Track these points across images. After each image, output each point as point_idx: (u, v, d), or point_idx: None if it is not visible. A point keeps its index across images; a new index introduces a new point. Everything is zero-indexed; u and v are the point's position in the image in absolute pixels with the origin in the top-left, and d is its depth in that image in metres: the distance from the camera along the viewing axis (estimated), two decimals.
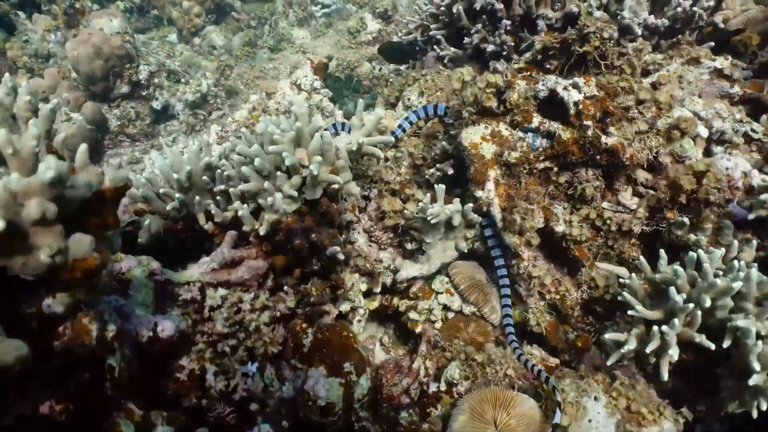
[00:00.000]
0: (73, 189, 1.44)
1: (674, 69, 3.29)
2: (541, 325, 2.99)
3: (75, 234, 1.43)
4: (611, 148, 2.83)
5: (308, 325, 2.77)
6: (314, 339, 2.75)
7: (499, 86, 3.00)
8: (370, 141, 2.75)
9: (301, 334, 2.75)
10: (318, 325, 2.78)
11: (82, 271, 1.42)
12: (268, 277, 2.57)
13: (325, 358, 2.72)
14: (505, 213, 3.06)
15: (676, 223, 2.84)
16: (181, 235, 2.75)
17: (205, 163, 2.72)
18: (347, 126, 3.15)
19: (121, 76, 5.82)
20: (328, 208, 2.57)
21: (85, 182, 1.48)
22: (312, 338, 2.75)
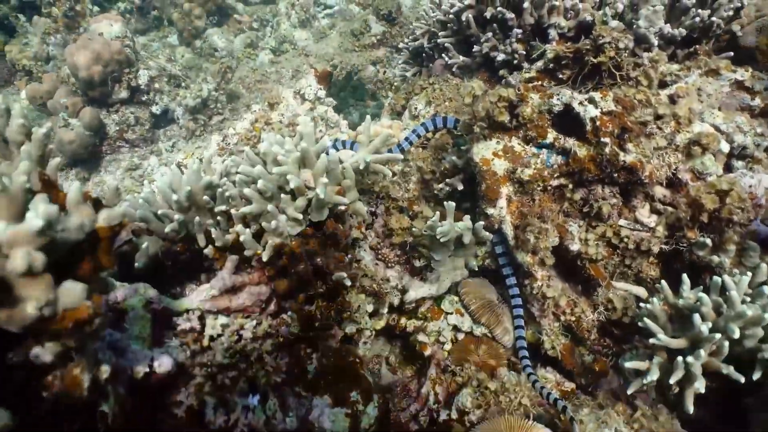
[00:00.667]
0: (64, 232, 1.32)
1: (693, 81, 3.16)
2: (556, 348, 2.88)
3: (65, 282, 1.31)
4: (630, 165, 2.71)
5: (312, 350, 2.65)
6: (319, 365, 2.63)
7: (511, 100, 2.88)
8: (377, 159, 2.63)
9: (305, 359, 2.63)
10: (323, 350, 2.67)
11: (73, 321, 1.31)
12: (271, 301, 2.45)
13: (330, 386, 2.60)
14: (518, 231, 2.94)
15: (698, 243, 2.72)
16: (181, 257, 2.63)
17: (205, 183, 2.60)
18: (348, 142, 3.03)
19: (120, 81, 5.69)
20: (334, 231, 2.45)
21: (77, 224, 1.36)
22: (317, 364, 2.63)
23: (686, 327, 2.43)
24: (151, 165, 5.77)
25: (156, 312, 2.20)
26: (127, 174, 5.59)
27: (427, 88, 3.99)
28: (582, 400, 2.66)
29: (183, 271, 2.73)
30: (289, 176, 2.24)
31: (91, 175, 5.75)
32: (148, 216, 2.56)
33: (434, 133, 3.50)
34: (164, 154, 5.90)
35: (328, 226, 2.45)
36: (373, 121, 3.92)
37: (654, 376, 2.30)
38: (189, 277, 2.73)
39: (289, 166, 2.32)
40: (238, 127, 3.61)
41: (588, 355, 2.94)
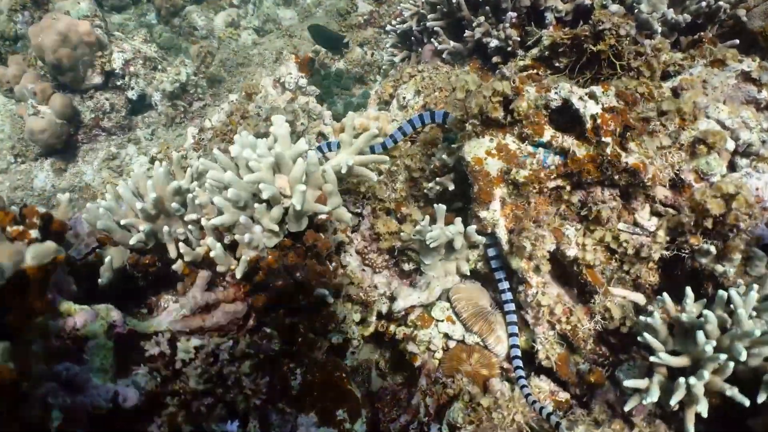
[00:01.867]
0: None
1: (698, 73, 2.96)
2: (551, 359, 2.74)
3: None
4: (632, 167, 2.53)
5: (296, 365, 2.49)
6: (303, 381, 2.47)
7: (506, 94, 2.67)
8: (361, 161, 2.43)
9: (289, 374, 2.47)
10: (307, 365, 2.51)
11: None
12: (249, 318, 2.27)
13: (316, 402, 2.45)
14: (512, 236, 2.77)
15: (701, 250, 2.56)
16: (150, 269, 2.43)
17: (174, 188, 2.39)
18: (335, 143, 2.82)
19: (92, 65, 5.37)
20: (314, 242, 2.26)
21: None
22: (301, 380, 2.47)
23: (688, 342, 2.29)
24: (129, 154, 5.51)
25: (121, 336, 2.01)
26: (104, 165, 5.32)
27: (416, 76, 3.76)
28: (577, 415, 2.55)
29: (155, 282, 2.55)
30: (262, 185, 2.04)
31: (68, 166, 5.47)
32: (110, 226, 2.36)
33: (422, 129, 3.29)
34: (143, 143, 5.63)
35: (308, 238, 2.26)
36: (358, 113, 3.69)
37: (654, 397, 2.18)
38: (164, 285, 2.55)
39: (263, 172, 2.11)
40: (214, 119, 3.36)
41: (583, 364, 2.81)
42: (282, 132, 2.17)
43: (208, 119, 3.48)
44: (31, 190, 5.42)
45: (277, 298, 2.25)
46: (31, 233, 1.76)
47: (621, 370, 2.64)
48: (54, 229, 2.04)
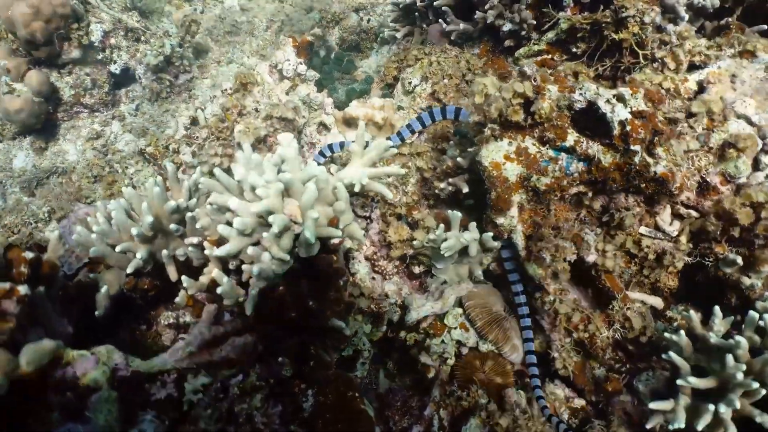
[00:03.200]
0: None
1: (727, 66, 2.72)
2: (568, 368, 2.64)
3: None
4: (661, 177, 2.34)
5: (307, 385, 2.35)
6: (315, 402, 2.34)
7: (528, 96, 2.42)
8: (375, 174, 2.20)
9: (300, 396, 2.33)
10: (319, 385, 2.37)
11: None
12: (258, 349, 2.11)
13: (328, 425, 2.33)
14: (530, 242, 2.60)
15: (726, 260, 2.43)
16: (149, 293, 2.24)
17: (172, 208, 2.16)
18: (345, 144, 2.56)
19: (69, 38, 4.91)
20: (327, 268, 2.06)
21: None
22: (313, 401, 2.34)
23: (713, 360, 2.19)
24: (114, 132, 5.15)
25: (124, 380, 1.84)
26: (88, 145, 4.97)
27: (423, 59, 3.45)
28: (596, 427, 2.46)
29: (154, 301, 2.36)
30: (272, 217, 1.82)
31: (49, 145, 5.11)
32: (105, 251, 2.14)
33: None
34: (128, 119, 5.26)
35: (320, 264, 2.06)
36: (361, 100, 3.41)
37: (681, 423, 2.09)
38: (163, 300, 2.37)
39: (272, 200, 1.89)
40: (208, 112, 3.06)
41: (599, 369, 2.72)
42: (291, 153, 1.92)
43: (200, 109, 3.17)
44: (11, 171, 5.08)
45: (289, 328, 2.08)
46: (20, 290, 1.55)
47: (640, 381, 2.56)
48: (45, 273, 1.83)
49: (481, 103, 2.37)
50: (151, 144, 3.23)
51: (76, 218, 2.84)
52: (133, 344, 2.30)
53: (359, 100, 3.35)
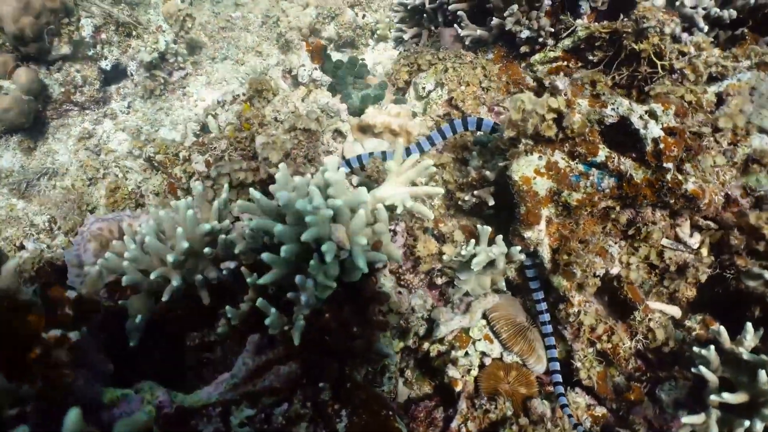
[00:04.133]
0: None
1: (747, 79, 2.72)
2: (592, 378, 2.65)
3: None
4: (691, 194, 2.33)
5: (341, 406, 2.29)
6: (349, 422, 2.28)
7: (561, 111, 2.37)
8: (415, 194, 2.13)
9: (334, 418, 2.28)
10: (352, 405, 2.31)
11: None
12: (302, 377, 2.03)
13: None
14: (557, 255, 2.58)
15: (749, 273, 2.45)
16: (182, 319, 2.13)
17: (205, 231, 2.06)
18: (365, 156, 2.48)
19: (59, 34, 4.62)
20: (370, 292, 2.00)
21: None
22: (347, 422, 2.28)
23: (741, 373, 2.22)
24: (106, 131, 4.91)
25: (169, 418, 1.75)
26: (80, 145, 4.73)
27: (437, 64, 3.37)
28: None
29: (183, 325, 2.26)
30: (326, 246, 1.74)
31: (38, 145, 4.84)
32: (137, 279, 2.01)
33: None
34: (120, 117, 5.02)
35: (363, 287, 2.00)
36: (377, 106, 3.32)
37: None
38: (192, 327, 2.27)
39: (320, 226, 1.80)
40: (222, 119, 2.92)
41: (618, 376, 2.75)
42: (338, 177, 1.83)
43: (211, 115, 3.02)
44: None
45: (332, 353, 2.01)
46: (71, 337, 1.44)
47: (662, 390, 2.59)
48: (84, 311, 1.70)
49: (518, 119, 2.31)
50: (161, 151, 3.07)
51: (90, 234, 2.69)
52: (165, 373, 2.19)
53: (375, 107, 3.25)
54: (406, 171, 2.19)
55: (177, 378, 2.16)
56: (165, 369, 2.21)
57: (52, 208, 3.38)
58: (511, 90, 3.24)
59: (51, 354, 1.47)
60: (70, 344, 1.43)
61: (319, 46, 3.17)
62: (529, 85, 3.22)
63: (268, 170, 2.46)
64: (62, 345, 1.39)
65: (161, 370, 2.16)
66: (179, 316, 2.13)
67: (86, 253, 2.64)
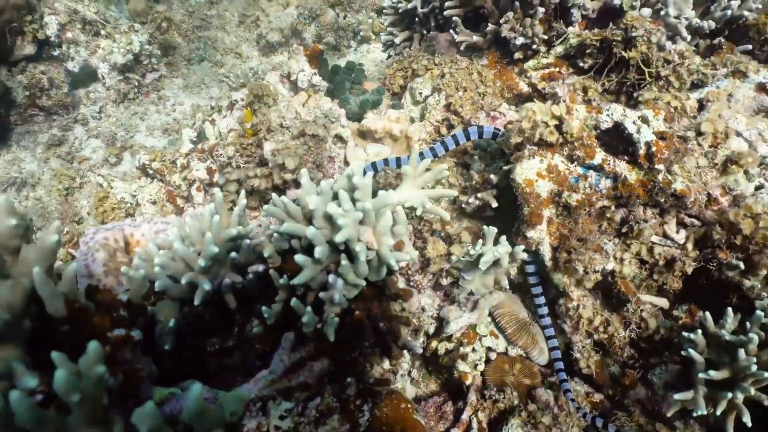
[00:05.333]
0: None
1: (725, 86, 3.19)
2: (591, 367, 3.04)
3: None
4: (679, 193, 2.75)
5: (362, 401, 2.58)
6: (372, 417, 2.58)
7: (562, 118, 2.75)
8: (432, 196, 2.45)
9: (357, 412, 2.56)
10: (373, 401, 2.61)
11: None
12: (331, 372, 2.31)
13: None
14: (557, 253, 2.96)
15: (729, 264, 2.89)
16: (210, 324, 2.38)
17: (229, 236, 2.32)
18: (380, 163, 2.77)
19: (22, 32, 4.72)
20: (395, 290, 2.30)
21: None
22: (369, 416, 2.57)
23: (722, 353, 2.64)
24: (77, 137, 5.01)
25: None
26: (51, 153, 4.83)
27: (433, 69, 3.71)
28: (623, 421, 2.88)
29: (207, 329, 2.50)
30: (358, 246, 2.03)
31: (1, 153, 4.90)
32: (168, 285, 2.25)
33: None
34: (91, 123, 5.13)
35: (391, 286, 2.30)
36: (376, 111, 3.62)
37: (703, 410, 2.53)
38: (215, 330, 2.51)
39: (350, 228, 2.09)
40: (222, 125, 3.14)
41: (613, 365, 3.15)
42: (365, 182, 2.13)
43: (208, 121, 3.24)
44: None
45: (360, 349, 2.30)
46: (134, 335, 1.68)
47: (654, 374, 3.01)
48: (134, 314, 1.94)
49: (528, 127, 2.67)
50: (156, 158, 3.26)
51: (96, 244, 2.88)
52: (190, 376, 2.42)
53: (374, 112, 3.56)
54: (421, 175, 2.51)
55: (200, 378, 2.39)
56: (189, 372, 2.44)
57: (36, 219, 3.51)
58: (506, 95, 3.62)
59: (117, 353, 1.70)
60: (133, 343, 1.67)
61: (316, 51, 3.45)
62: (522, 90, 3.61)
63: (283, 176, 2.72)
64: (127, 344, 1.63)
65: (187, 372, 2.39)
66: (206, 320, 2.37)
67: (95, 263, 2.84)
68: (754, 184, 3.13)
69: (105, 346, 1.64)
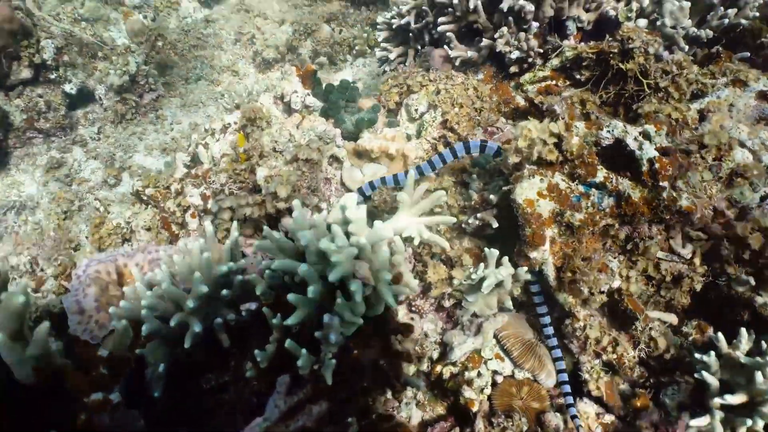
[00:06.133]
0: None
1: (725, 96, 3.00)
2: (600, 389, 2.85)
3: None
4: (685, 210, 2.56)
5: None
6: None
7: (561, 135, 2.56)
8: (428, 224, 2.26)
9: None
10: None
11: None
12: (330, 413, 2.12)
13: None
14: (561, 273, 2.76)
15: (739, 280, 2.70)
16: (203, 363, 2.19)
17: (221, 273, 2.13)
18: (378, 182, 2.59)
19: (19, 57, 4.53)
20: (394, 325, 2.11)
21: None
22: None
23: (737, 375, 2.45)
24: (77, 159, 4.83)
25: None
26: (49, 176, 4.64)
27: (428, 85, 3.52)
28: None
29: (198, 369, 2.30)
30: (354, 286, 1.84)
31: (0, 176, 4.72)
32: (158, 328, 2.06)
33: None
34: (90, 144, 4.95)
35: (391, 321, 2.11)
36: (372, 130, 3.44)
37: None
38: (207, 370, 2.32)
39: (345, 265, 1.90)
40: (215, 149, 2.96)
41: (623, 384, 2.95)
42: (359, 215, 1.94)
43: (202, 145, 3.06)
44: None
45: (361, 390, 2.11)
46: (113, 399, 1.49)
47: (666, 395, 2.82)
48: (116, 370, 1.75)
49: (524, 146, 2.48)
50: (150, 184, 3.08)
51: (88, 279, 2.69)
52: (184, 416, 2.23)
53: (370, 131, 3.37)
54: (418, 201, 2.32)
55: (195, 420, 2.20)
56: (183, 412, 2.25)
57: (32, 248, 3.33)
58: (503, 110, 3.43)
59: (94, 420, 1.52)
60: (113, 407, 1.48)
61: (309, 71, 3.26)
62: (519, 104, 3.42)
63: (276, 205, 2.54)
64: (105, 409, 1.44)
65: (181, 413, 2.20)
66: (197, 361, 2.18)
67: (86, 299, 2.65)
68: (759, 194, 2.95)
69: (80, 415, 1.45)
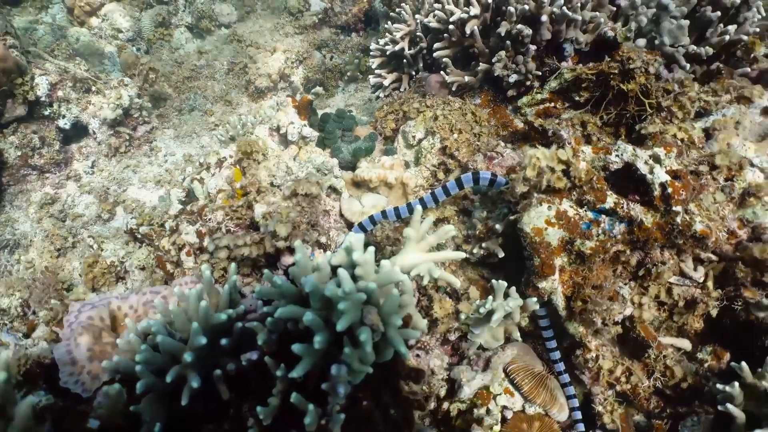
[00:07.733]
0: None
1: (731, 114, 2.87)
2: (616, 421, 2.66)
3: None
4: (700, 234, 2.41)
5: None
6: None
7: (569, 162, 2.41)
8: (437, 260, 2.09)
9: None
10: None
11: None
12: None
13: None
14: (572, 302, 2.60)
15: (760, 305, 2.54)
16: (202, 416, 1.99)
17: (220, 321, 1.94)
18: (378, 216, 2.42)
19: (13, 95, 4.38)
20: (405, 371, 1.93)
21: None
22: None
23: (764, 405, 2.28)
24: (70, 195, 4.65)
25: None
26: (43, 212, 4.46)
27: (425, 111, 3.38)
28: None
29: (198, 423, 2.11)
30: (363, 335, 1.67)
31: None
32: (153, 383, 1.87)
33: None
34: (84, 178, 4.78)
35: (395, 367, 1.93)
36: (369, 159, 3.29)
37: None
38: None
39: (352, 313, 1.73)
40: (211, 185, 2.80)
41: (638, 415, 2.77)
42: (366, 258, 1.77)
43: (197, 180, 2.90)
44: None
45: None
46: None
47: (685, 426, 2.63)
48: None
49: (533, 175, 2.33)
50: (144, 222, 2.90)
51: (79, 327, 2.50)
52: None
53: (368, 160, 3.21)
54: (425, 237, 2.16)
55: None
56: None
57: (23, 290, 3.14)
58: (501, 133, 3.29)
59: None
60: None
61: (305, 101, 3.12)
62: (518, 127, 3.28)
63: (276, 244, 2.36)
64: None
65: None
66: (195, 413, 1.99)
67: (78, 348, 2.44)
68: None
69: None
